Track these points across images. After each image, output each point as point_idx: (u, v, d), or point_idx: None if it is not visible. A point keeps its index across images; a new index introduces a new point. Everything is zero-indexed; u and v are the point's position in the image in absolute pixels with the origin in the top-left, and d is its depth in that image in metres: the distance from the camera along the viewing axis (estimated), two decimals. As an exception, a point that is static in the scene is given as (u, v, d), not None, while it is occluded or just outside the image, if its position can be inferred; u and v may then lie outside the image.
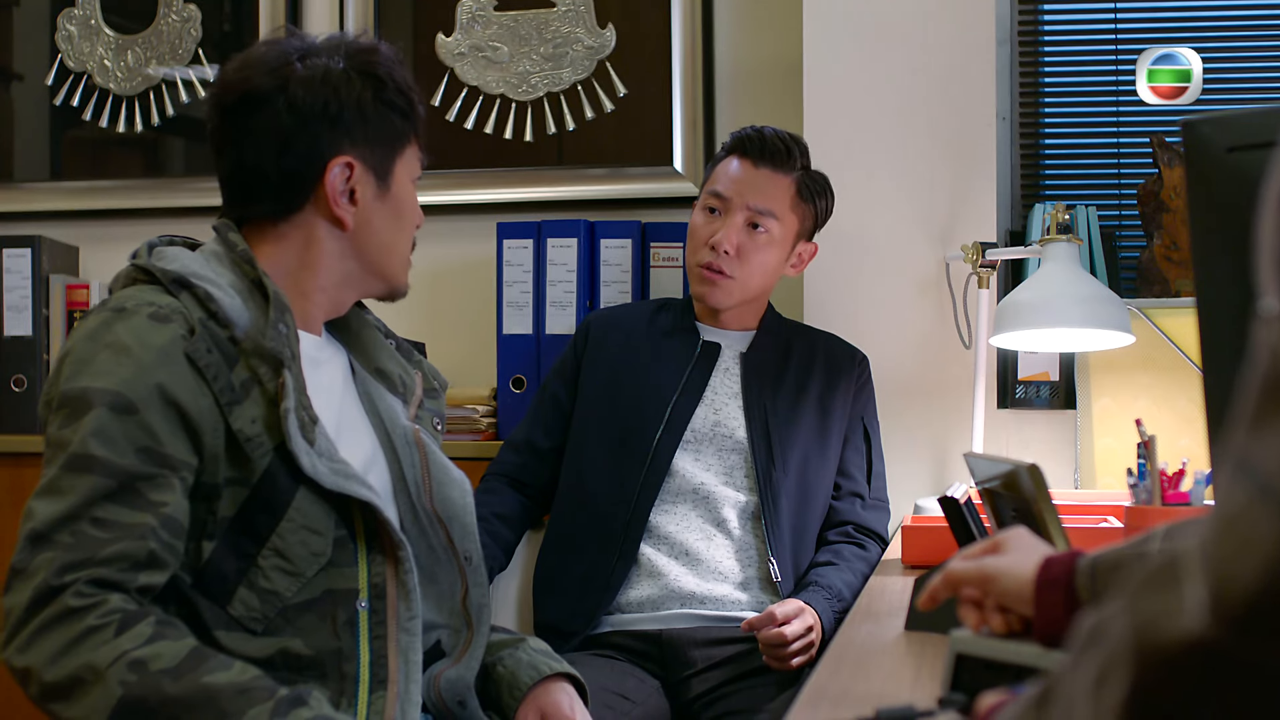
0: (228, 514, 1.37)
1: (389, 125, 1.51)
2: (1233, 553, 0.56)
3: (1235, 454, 0.59)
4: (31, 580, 1.28)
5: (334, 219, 1.49)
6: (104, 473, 1.30)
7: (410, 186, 1.56)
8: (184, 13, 2.99)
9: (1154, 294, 2.47)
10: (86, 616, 1.27)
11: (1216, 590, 0.57)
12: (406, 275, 1.59)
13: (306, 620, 1.39)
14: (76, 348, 1.37)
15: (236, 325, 1.40)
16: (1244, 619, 0.56)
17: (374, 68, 1.50)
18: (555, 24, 2.82)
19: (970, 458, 1.64)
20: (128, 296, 1.40)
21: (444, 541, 1.56)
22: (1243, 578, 0.56)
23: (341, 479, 1.40)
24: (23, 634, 1.27)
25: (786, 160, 2.20)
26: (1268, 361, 0.59)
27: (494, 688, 1.62)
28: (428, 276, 2.81)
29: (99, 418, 1.32)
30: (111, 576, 1.28)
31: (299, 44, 1.51)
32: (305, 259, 1.50)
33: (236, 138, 1.49)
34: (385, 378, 1.60)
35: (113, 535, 1.29)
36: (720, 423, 2.17)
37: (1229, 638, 0.56)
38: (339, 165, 1.48)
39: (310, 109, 1.46)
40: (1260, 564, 0.55)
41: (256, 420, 1.38)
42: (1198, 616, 0.57)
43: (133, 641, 1.26)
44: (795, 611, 1.94)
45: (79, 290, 2.88)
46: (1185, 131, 0.98)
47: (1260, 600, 0.55)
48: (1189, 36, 2.59)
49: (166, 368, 1.35)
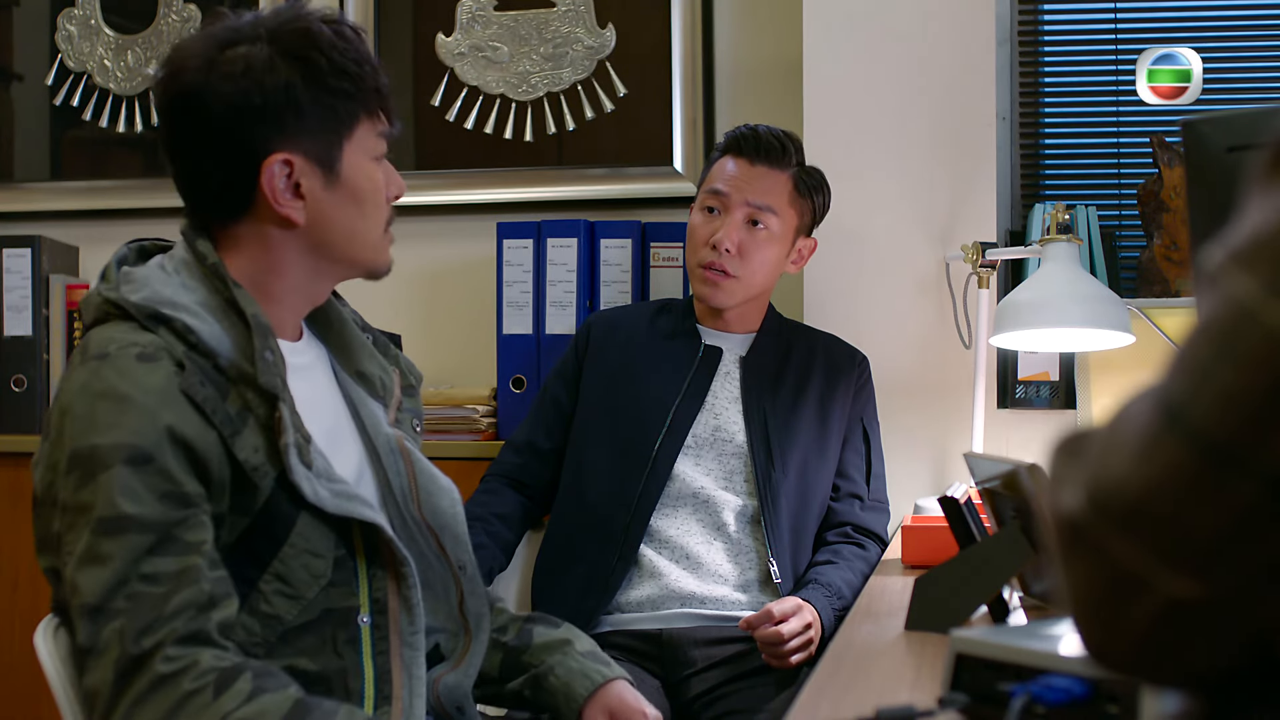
0: (229, 541, 1.34)
1: (328, 111, 1.39)
2: (1128, 463, 0.67)
3: (1162, 386, 0.67)
4: (108, 655, 1.24)
5: (282, 218, 1.40)
6: (139, 529, 1.26)
7: (367, 166, 1.44)
8: (184, 13, 2.99)
9: (1154, 294, 2.46)
10: (181, 682, 1.23)
11: (1099, 487, 0.68)
12: (384, 254, 1.49)
13: (307, 642, 1.37)
14: (73, 405, 1.31)
15: (219, 354, 1.34)
16: (1118, 516, 0.67)
17: (305, 50, 1.38)
18: (555, 24, 2.82)
19: (970, 458, 1.65)
20: (107, 340, 1.33)
21: (435, 549, 1.54)
22: (1131, 487, 0.66)
23: (344, 501, 1.38)
24: (117, 712, 1.23)
25: (782, 156, 2.20)
26: (1214, 309, 0.66)
27: (548, 698, 1.60)
28: (428, 276, 2.81)
29: (119, 475, 1.26)
30: (188, 629, 1.25)
31: (225, 30, 1.39)
32: (266, 262, 1.42)
33: (173, 142, 1.42)
34: (366, 381, 1.54)
35: (168, 588, 1.25)
36: (720, 427, 2.17)
37: (1096, 522, 0.68)
38: (276, 163, 1.38)
39: (235, 107, 1.36)
40: (1148, 480, 0.66)
41: (259, 449, 1.34)
42: (1079, 500, 0.69)
43: (234, 701, 1.23)
44: (793, 609, 1.94)
45: (79, 290, 2.88)
46: (1185, 131, 0.98)
47: (1136, 506, 0.66)
48: (1189, 36, 2.59)
49: (170, 408, 1.30)
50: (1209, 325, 0.66)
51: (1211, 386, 0.64)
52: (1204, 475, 0.64)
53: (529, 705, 1.64)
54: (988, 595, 1.50)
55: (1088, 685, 0.97)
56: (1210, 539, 0.64)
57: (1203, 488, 0.64)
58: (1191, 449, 0.64)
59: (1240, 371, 0.63)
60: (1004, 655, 1.05)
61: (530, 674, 1.61)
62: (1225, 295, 0.65)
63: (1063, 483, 0.71)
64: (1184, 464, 0.65)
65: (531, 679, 1.61)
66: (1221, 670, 0.69)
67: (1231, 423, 0.64)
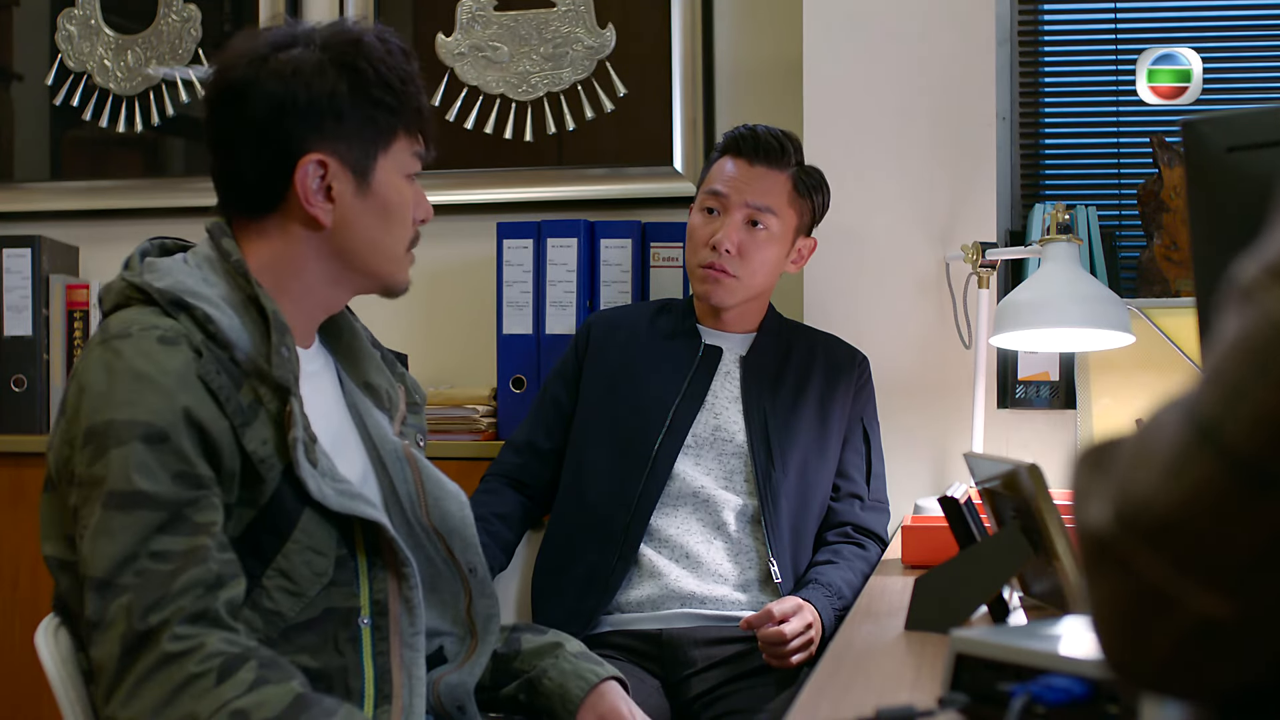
0: (234, 534, 1.35)
1: (368, 120, 1.44)
2: (1157, 479, 0.65)
3: (1191, 400, 0.66)
4: (114, 630, 1.25)
5: (310, 218, 1.43)
6: (151, 506, 1.28)
7: (399, 182, 1.48)
8: (184, 13, 2.99)
9: (1154, 294, 2.46)
10: (186, 663, 1.24)
11: (1127, 502, 0.67)
12: (403, 272, 1.52)
13: (308, 639, 1.38)
14: (91, 382, 1.32)
15: (236, 347, 1.36)
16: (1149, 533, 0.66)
17: (353, 59, 1.43)
18: (555, 24, 2.82)
19: (970, 458, 1.65)
20: (129, 321, 1.35)
21: (444, 554, 1.55)
22: (1160, 503, 0.65)
23: (347, 499, 1.39)
24: (123, 687, 1.24)
25: (781, 157, 2.20)
26: (1250, 326, 0.65)
27: (543, 701, 1.61)
28: (427, 276, 2.81)
29: (135, 451, 1.28)
30: (196, 608, 1.26)
31: (282, 34, 1.45)
32: (287, 259, 1.45)
33: (216, 134, 1.46)
34: (373, 392, 1.56)
35: (176, 566, 1.26)
36: (720, 427, 2.17)
37: (1123, 538, 0.67)
38: (311, 163, 1.41)
39: (280, 104, 1.40)
40: (1177, 496, 0.64)
41: (267, 442, 1.36)
42: (1106, 515, 0.67)
43: (235, 690, 1.24)
44: (793, 609, 1.94)
45: (79, 290, 2.88)
46: (1185, 131, 0.98)
47: (1165, 522, 0.65)
48: (1189, 36, 2.59)
49: (187, 391, 1.32)
50: (1243, 341, 0.64)
51: (1245, 405, 0.63)
52: (1235, 493, 0.63)
53: (524, 709, 1.64)
54: (988, 595, 1.50)
55: (1088, 685, 0.97)
56: (1241, 558, 0.63)
57: (1234, 506, 0.63)
58: (1223, 466, 0.63)
59: (1275, 390, 0.62)
60: (1004, 655, 1.05)
61: (524, 679, 1.62)
62: (1261, 311, 0.64)
63: (1088, 497, 0.70)
64: (1214, 481, 0.63)
65: (525, 683, 1.61)
66: (1244, 687, 0.68)
67: (1264, 442, 0.62)
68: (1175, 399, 0.68)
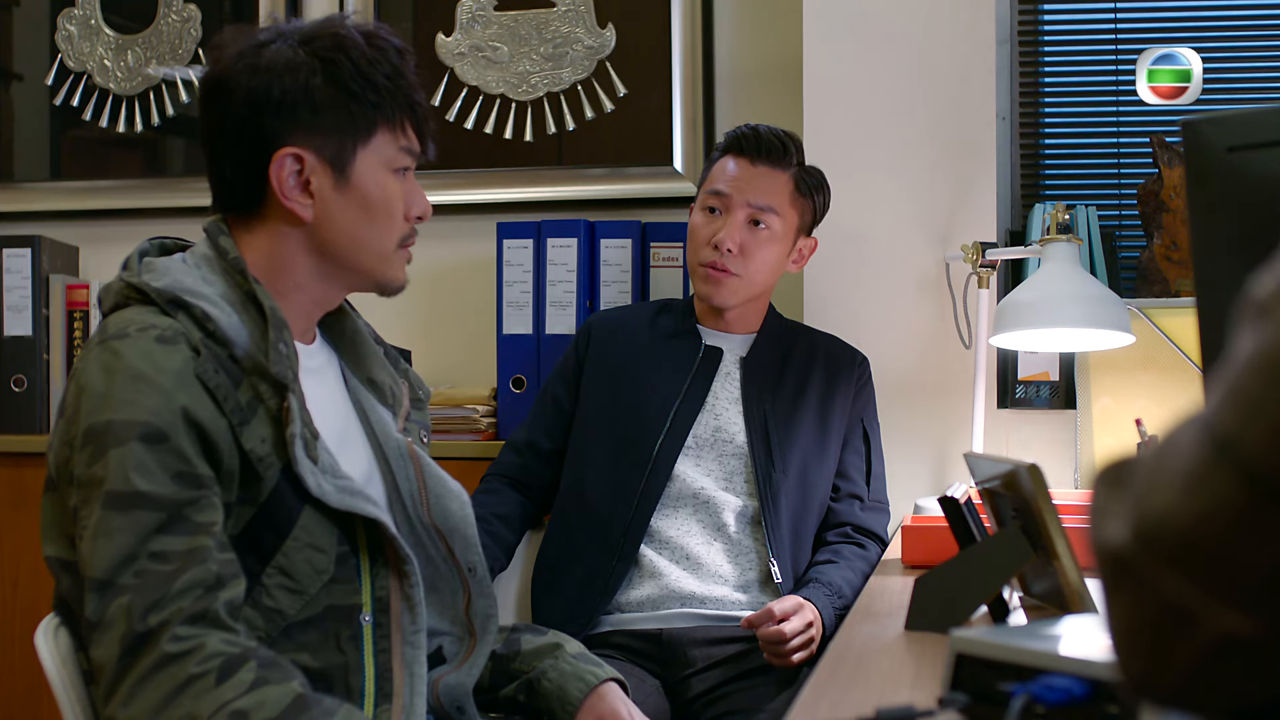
0: (234, 532, 1.35)
1: (344, 113, 1.42)
2: (1175, 496, 0.65)
3: (1209, 417, 0.66)
4: (114, 631, 1.25)
5: (291, 213, 1.43)
6: (151, 506, 1.27)
7: (382, 176, 1.46)
8: (184, 13, 2.99)
9: (1154, 294, 2.46)
10: (186, 664, 1.24)
11: (1145, 519, 0.66)
12: (393, 269, 1.49)
13: (309, 637, 1.38)
14: (90, 382, 1.32)
15: (235, 344, 1.36)
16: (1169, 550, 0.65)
17: (330, 52, 1.42)
18: (555, 24, 2.82)
19: (970, 458, 1.65)
20: (127, 321, 1.35)
21: (444, 553, 1.55)
22: (1178, 519, 0.65)
23: (348, 497, 1.39)
24: (123, 687, 1.24)
25: (783, 156, 2.20)
26: (1267, 342, 0.64)
27: (542, 702, 1.61)
28: (427, 276, 2.81)
29: (134, 451, 1.28)
30: (196, 608, 1.26)
31: (266, 30, 1.45)
32: (275, 254, 1.44)
33: (203, 131, 1.46)
34: (376, 388, 1.56)
35: (176, 566, 1.26)
36: (721, 428, 2.17)
37: (1143, 555, 0.66)
38: (287, 156, 1.41)
39: (256, 98, 1.40)
40: (1196, 513, 0.64)
41: (266, 440, 1.36)
42: (1125, 532, 0.67)
43: (234, 690, 1.24)
44: (794, 608, 1.94)
45: (79, 290, 2.88)
46: (1185, 131, 0.98)
47: (1185, 539, 0.65)
48: (1189, 36, 2.59)
49: (185, 391, 1.32)
50: (1260, 357, 0.64)
51: (1262, 420, 0.63)
52: (1255, 510, 0.63)
53: (523, 710, 1.64)
54: (988, 595, 1.50)
55: (1088, 685, 0.97)
56: (1262, 574, 0.63)
57: (1253, 523, 0.63)
58: (1241, 483, 0.63)
59: None
60: (1004, 655, 1.05)
61: (523, 679, 1.62)
62: (1279, 328, 0.64)
63: (1106, 514, 0.70)
64: (1233, 498, 0.63)
65: (525, 684, 1.61)
66: (1264, 702, 0.68)
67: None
68: (1192, 416, 0.67)
